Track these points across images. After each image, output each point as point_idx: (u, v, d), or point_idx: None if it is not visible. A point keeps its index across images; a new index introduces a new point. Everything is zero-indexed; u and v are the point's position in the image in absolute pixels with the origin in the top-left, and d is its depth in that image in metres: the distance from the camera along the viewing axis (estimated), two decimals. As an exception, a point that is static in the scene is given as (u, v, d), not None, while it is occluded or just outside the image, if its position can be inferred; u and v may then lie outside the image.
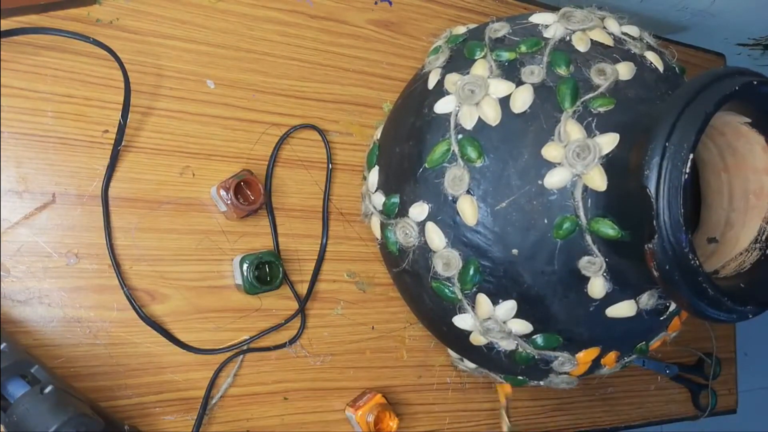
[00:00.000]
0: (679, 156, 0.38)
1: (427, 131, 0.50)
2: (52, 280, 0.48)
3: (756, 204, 0.45)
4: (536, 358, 0.51)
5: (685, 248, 0.38)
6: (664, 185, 0.38)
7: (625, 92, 0.47)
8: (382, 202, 0.54)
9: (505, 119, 0.47)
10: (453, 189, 0.47)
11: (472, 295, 0.49)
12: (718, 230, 0.48)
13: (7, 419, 0.39)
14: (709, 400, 0.81)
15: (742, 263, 0.45)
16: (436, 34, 0.64)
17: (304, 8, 0.58)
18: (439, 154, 0.48)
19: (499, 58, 0.50)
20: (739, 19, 0.87)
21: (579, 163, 0.44)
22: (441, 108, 0.50)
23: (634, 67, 0.48)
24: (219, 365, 0.53)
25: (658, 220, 0.38)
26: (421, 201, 0.50)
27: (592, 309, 0.48)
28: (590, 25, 0.50)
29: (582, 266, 0.45)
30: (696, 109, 0.38)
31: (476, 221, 0.47)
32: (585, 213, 0.44)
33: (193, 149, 0.53)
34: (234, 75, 0.55)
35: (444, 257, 0.49)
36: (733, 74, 0.40)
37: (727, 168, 0.47)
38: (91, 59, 0.49)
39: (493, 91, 0.48)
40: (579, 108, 0.46)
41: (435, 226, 0.49)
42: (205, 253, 0.53)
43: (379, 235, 0.55)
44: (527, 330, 0.49)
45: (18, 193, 0.47)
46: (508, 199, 0.46)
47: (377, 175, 0.55)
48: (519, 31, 0.51)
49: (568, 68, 0.48)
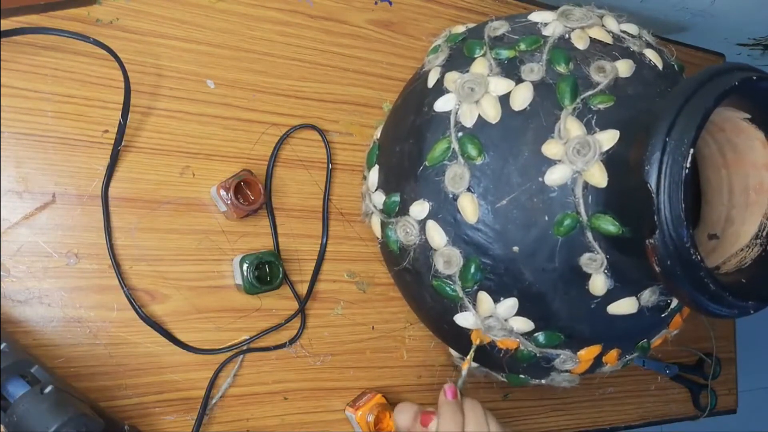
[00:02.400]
0: (679, 151, 0.37)
1: (428, 129, 0.50)
2: (52, 280, 0.48)
3: (756, 200, 0.45)
4: (538, 356, 0.51)
5: (686, 243, 0.38)
6: (665, 180, 0.38)
7: (624, 89, 0.47)
8: (383, 200, 0.54)
9: (505, 117, 0.47)
10: (453, 187, 0.47)
11: (473, 293, 0.49)
12: (719, 227, 0.48)
13: (7, 419, 0.39)
14: (709, 400, 0.81)
15: (743, 259, 0.45)
16: (436, 34, 0.64)
17: (304, 8, 0.58)
18: (439, 152, 0.48)
19: (499, 56, 0.50)
20: (739, 19, 0.87)
21: (579, 160, 0.44)
22: (441, 106, 0.50)
23: (633, 64, 0.48)
24: (219, 365, 0.53)
25: (659, 215, 0.38)
26: (421, 199, 0.50)
27: (593, 306, 0.48)
28: (589, 23, 0.50)
29: (583, 263, 0.45)
30: (696, 104, 0.38)
31: (477, 219, 0.47)
32: (585, 210, 0.44)
33: (193, 149, 0.53)
34: (234, 75, 0.55)
35: (445, 255, 0.49)
36: (733, 70, 0.40)
37: (727, 164, 0.47)
38: (91, 59, 0.49)
39: (493, 89, 0.48)
40: (579, 105, 0.46)
41: (436, 224, 0.49)
42: (205, 253, 0.53)
43: (380, 234, 0.55)
44: (529, 328, 0.49)
45: (18, 193, 0.47)
46: (509, 196, 0.46)
47: (377, 174, 0.55)
48: (518, 30, 0.51)
49: (568, 66, 0.48)
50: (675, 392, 0.81)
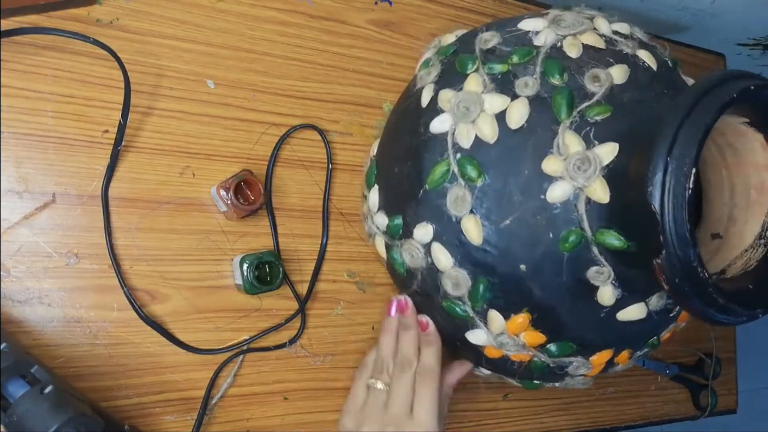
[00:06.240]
0: (681, 171, 0.37)
1: (425, 151, 0.49)
2: (52, 280, 0.48)
3: (758, 200, 0.45)
4: (551, 366, 0.51)
5: (693, 262, 0.38)
6: (668, 202, 0.37)
7: (620, 97, 0.46)
8: (386, 223, 0.53)
9: (502, 135, 0.47)
10: (456, 210, 0.47)
11: (483, 312, 0.49)
12: (722, 226, 0.47)
13: (7, 419, 0.39)
14: (709, 400, 0.81)
15: (748, 261, 0.45)
16: (436, 34, 0.64)
17: (304, 8, 0.58)
18: (438, 174, 0.48)
19: (492, 71, 0.49)
20: (739, 19, 0.87)
21: (580, 176, 0.43)
22: (437, 127, 0.49)
23: (628, 69, 0.48)
24: (219, 365, 0.53)
25: (664, 235, 0.38)
26: (424, 222, 0.49)
27: (602, 315, 0.48)
28: (581, 29, 0.50)
29: (590, 276, 0.45)
30: (695, 120, 0.38)
31: (482, 240, 0.47)
32: (590, 225, 0.44)
33: (193, 149, 0.53)
34: (234, 75, 0.55)
35: (453, 277, 0.49)
36: (729, 79, 0.40)
37: (728, 165, 0.47)
38: (91, 59, 0.49)
39: (489, 107, 0.47)
40: (576, 118, 0.45)
41: (441, 246, 0.49)
42: (205, 253, 0.53)
43: (385, 255, 0.55)
44: (541, 341, 0.50)
45: (18, 193, 0.47)
46: (512, 216, 0.46)
47: (378, 196, 0.55)
48: (510, 40, 0.50)
49: (562, 77, 0.47)
50: (675, 392, 0.81)
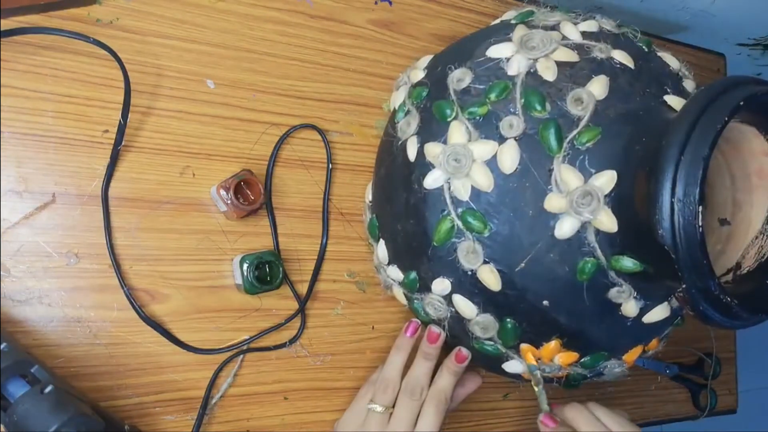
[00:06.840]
0: (689, 210, 0.37)
1: (425, 209, 0.48)
2: (52, 280, 0.48)
3: (759, 183, 0.45)
4: (588, 375, 0.53)
5: (715, 291, 0.38)
6: (682, 242, 0.38)
7: (606, 114, 0.45)
8: (401, 278, 0.53)
9: (498, 182, 0.46)
10: (469, 263, 0.47)
11: (515, 346, 0.50)
12: (727, 211, 0.48)
13: (7, 419, 0.39)
14: (709, 400, 0.81)
15: (761, 249, 0.45)
16: (436, 34, 0.64)
17: (304, 8, 0.58)
18: (444, 232, 0.47)
19: (473, 116, 0.47)
20: (739, 19, 0.87)
21: (585, 210, 0.43)
22: (431, 183, 0.48)
23: (606, 78, 0.46)
24: (219, 365, 0.53)
25: (682, 272, 0.38)
26: (441, 277, 0.49)
27: (629, 324, 0.48)
28: (551, 48, 0.48)
29: (612, 296, 0.46)
30: (695, 151, 0.38)
31: (501, 286, 0.47)
32: (603, 254, 0.44)
33: (193, 149, 0.53)
34: (234, 75, 0.55)
35: (480, 323, 0.49)
36: (722, 93, 0.39)
37: (723, 152, 0.47)
38: (91, 59, 0.49)
39: (478, 156, 0.46)
40: (567, 150, 0.44)
41: (462, 297, 0.49)
42: (205, 253, 0.53)
43: (406, 304, 0.56)
44: (574, 359, 0.51)
45: (18, 193, 0.47)
46: (525, 258, 0.46)
47: (386, 250, 0.54)
48: (482, 76, 0.49)
49: (544, 108, 0.45)
50: (675, 392, 0.81)
